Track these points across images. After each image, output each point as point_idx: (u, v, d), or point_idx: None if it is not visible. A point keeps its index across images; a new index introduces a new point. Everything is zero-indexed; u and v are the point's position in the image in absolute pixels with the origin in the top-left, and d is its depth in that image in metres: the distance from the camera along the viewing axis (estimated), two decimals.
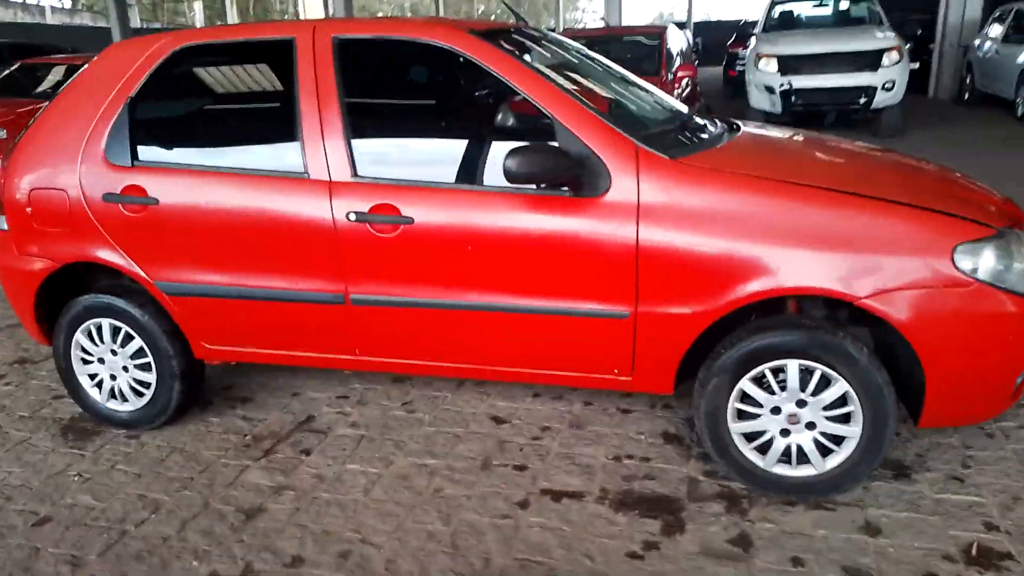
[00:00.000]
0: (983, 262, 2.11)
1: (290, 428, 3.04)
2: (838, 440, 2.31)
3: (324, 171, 2.56)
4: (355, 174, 2.54)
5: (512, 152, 2.23)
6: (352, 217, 2.52)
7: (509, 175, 2.23)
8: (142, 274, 2.83)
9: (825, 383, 2.26)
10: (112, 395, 3.05)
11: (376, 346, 2.70)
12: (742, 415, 2.37)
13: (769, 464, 2.37)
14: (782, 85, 9.69)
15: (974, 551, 2.12)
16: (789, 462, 2.37)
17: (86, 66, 2.94)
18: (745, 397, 2.35)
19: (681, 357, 2.37)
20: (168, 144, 2.80)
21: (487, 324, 2.52)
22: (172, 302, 2.83)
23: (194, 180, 2.71)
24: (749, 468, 2.39)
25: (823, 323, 2.28)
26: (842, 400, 2.26)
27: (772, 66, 9.85)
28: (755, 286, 2.21)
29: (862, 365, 2.20)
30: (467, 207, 2.44)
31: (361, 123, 2.57)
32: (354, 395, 3.29)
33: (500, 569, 2.16)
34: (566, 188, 2.34)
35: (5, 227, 2.99)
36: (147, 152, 2.78)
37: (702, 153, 2.43)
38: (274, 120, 2.76)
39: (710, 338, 2.38)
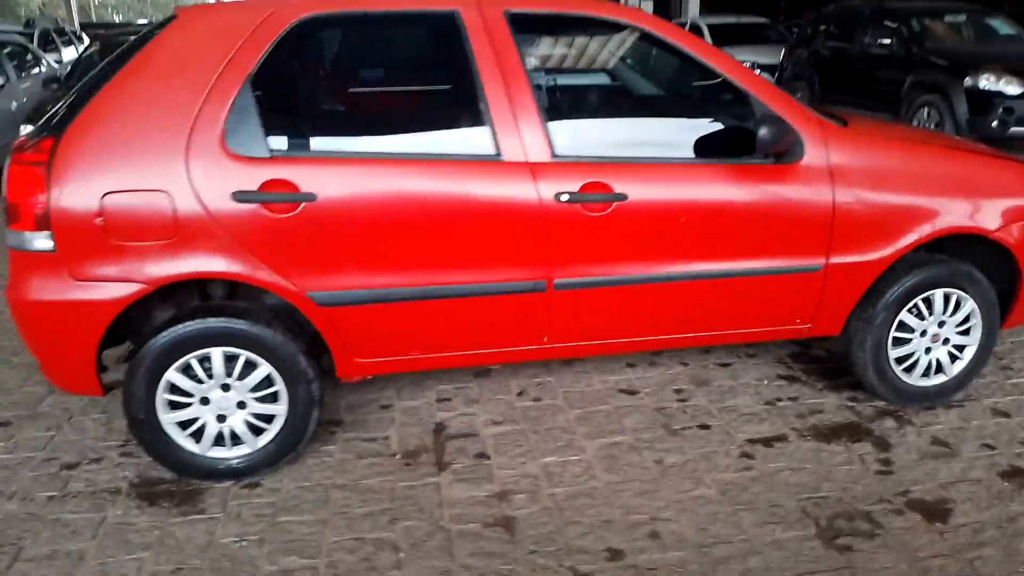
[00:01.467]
0: None
1: (431, 439, 2.76)
2: (960, 349, 2.88)
3: (520, 152, 2.40)
4: (554, 154, 2.43)
5: (764, 124, 2.37)
6: (564, 198, 2.41)
7: (764, 143, 2.37)
8: (286, 285, 2.34)
9: (957, 306, 2.81)
10: (217, 441, 2.47)
11: (572, 331, 2.60)
12: (896, 342, 2.82)
13: (915, 379, 2.86)
14: None
15: None
16: (927, 375, 2.88)
17: (155, 36, 2.31)
18: (900, 326, 2.79)
19: (857, 300, 2.73)
20: (315, 130, 2.36)
21: (693, 292, 2.61)
22: (326, 314, 2.39)
23: (361, 170, 2.32)
24: (901, 386, 2.85)
25: (952, 258, 2.81)
26: (966, 318, 2.83)
27: None
28: (921, 230, 2.66)
29: (984, 286, 2.78)
30: (680, 180, 2.50)
31: (552, 101, 2.46)
32: (453, 396, 3.06)
33: (803, 509, 2.32)
34: (768, 157, 2.54)
35: (42, 247, 2.22)
36: (285, 140, 2.30)
37: (852, 122, 2.80)
38: (449, 100, 2.49)
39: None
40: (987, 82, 7.04)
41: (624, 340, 2.69)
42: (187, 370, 2.38)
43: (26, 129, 6.14)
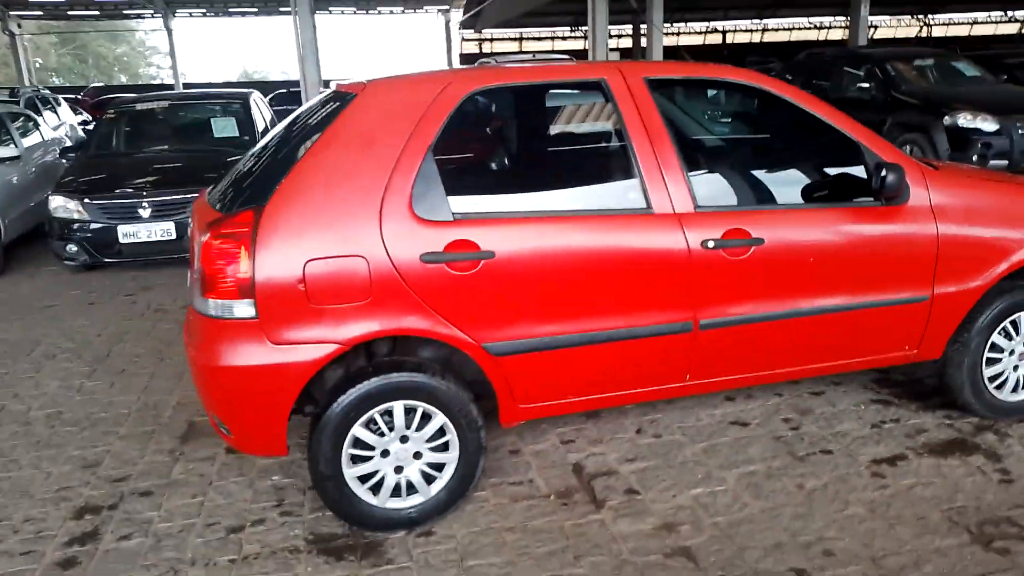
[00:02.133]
0: None
1: (575, 479, 2.90)
2: None
3: (667, 205, 2.62)
4: (696, 205, 2.65)
5: (890, 171, 2.63)
6: (710, 244, 2.63)
7: (891, 188, 2.64)
8: (464, 338, 2.49)
9: None
10: (394, 492, 2.57)
11: (714, 368, 2.80)
12: (988, 362, 3.09)
13: (1007, 395, 3.13)
14: None
15: None
16: (1015, 391, 3.14)
17: (342, 114, 2.47)
18: (992, 347, 3.07)
19: (958, 326, 2.99)
20: (487, 191, 2.55)
21: (821, 326, 2.84)
22: (498, 363, 2.54)
23: (532, 227, 2.52)
24: (994, 403, 3.11)
25: None
26: None
27: None
28: (1011, 260, 2.94)
29: None
30: (807, 224, 2.76)
31: (691, 156, 2.69)
32: (575, 438, 3.21)
33: (949, 519, 2.53)
34: (878, 200, 2.81)
35: (243, 315, 2.34)
36: (464, 203, 2.48)
37: (941, 166, 3.10)
38: (602, 159, 2.70)
39: None
40: (965, 120, 7.60)
41: (759, 373, 2.89)
42: (369, 424, 2.49)
43: (57, 199, 6.15)
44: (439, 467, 2.60)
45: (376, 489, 2.55)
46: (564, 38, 34.01)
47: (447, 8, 32.14)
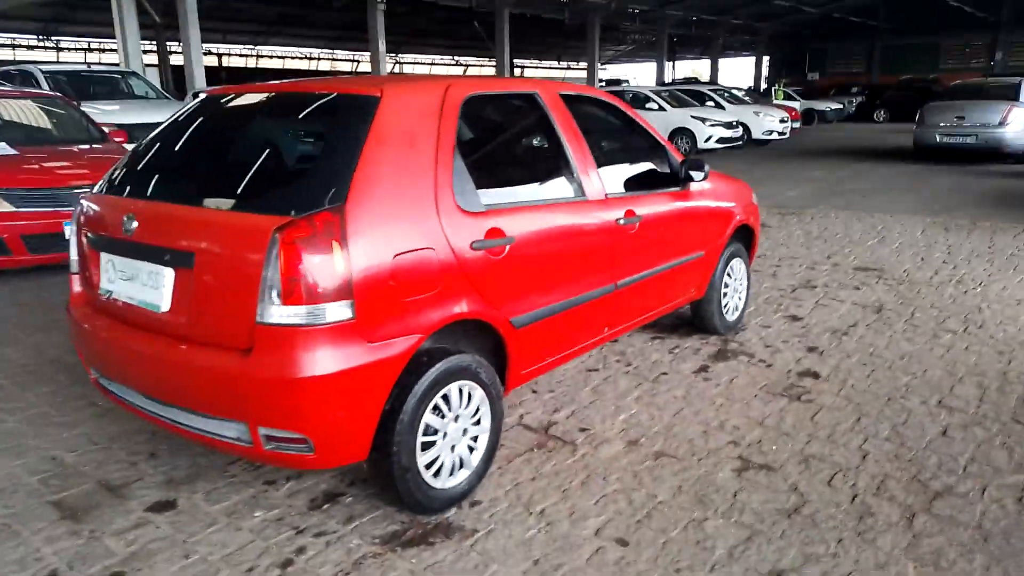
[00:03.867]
0: (755, 198, 4.87)
1: (534, 434, 3.35)
2: (739, 293, 4.74)
3: (594, 192, 3.31)
4: (606, 193, 3.40)
5: (699, 164, 3.75)
6: (621, 221, 3.40)
7: (704, 176, 3.76)
8: (498, 315, 2.78)
9: (738, 266, 4.66)
10: (449, 472, 2.71)
11: (620, 318, 3.55)
12: (724, 295, 4.52)
13: (730, 316, 4.61)
14: None
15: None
16: (732, 313, 4.65)
17: (378, 114, 2.51)
18: (725, 285, 4.51)
19: (712, 273, 4.32)
20: (500, 184, 2.85)
21: (669, 278, 3.84)
22: (516, 335, 2.88)
23: (534, 214, 2.95)
24: (727, 323, 4.56)
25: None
26: (744, 272, 4.71)
27: None
28: (734, 222, 4.40)
29: (746, 252, 4.69)
30: (656, 203, 3.73)
31: (595, 155, 3.42)
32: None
33: (767, 392, 3.78)
34: (679, 185, 3.95)
35: (338, 318, 2.27)
36: (489, 195, 2.78)
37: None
38: (555, 156, 3.19)
39: None
40: None
41: (634, 321, 3.75)
42: (433, 410, 2.60)
43: None
44: (474, 439, 2.82)
45: (438, 472, 2.66)
46: (30, 47, 29.30)
47: None
